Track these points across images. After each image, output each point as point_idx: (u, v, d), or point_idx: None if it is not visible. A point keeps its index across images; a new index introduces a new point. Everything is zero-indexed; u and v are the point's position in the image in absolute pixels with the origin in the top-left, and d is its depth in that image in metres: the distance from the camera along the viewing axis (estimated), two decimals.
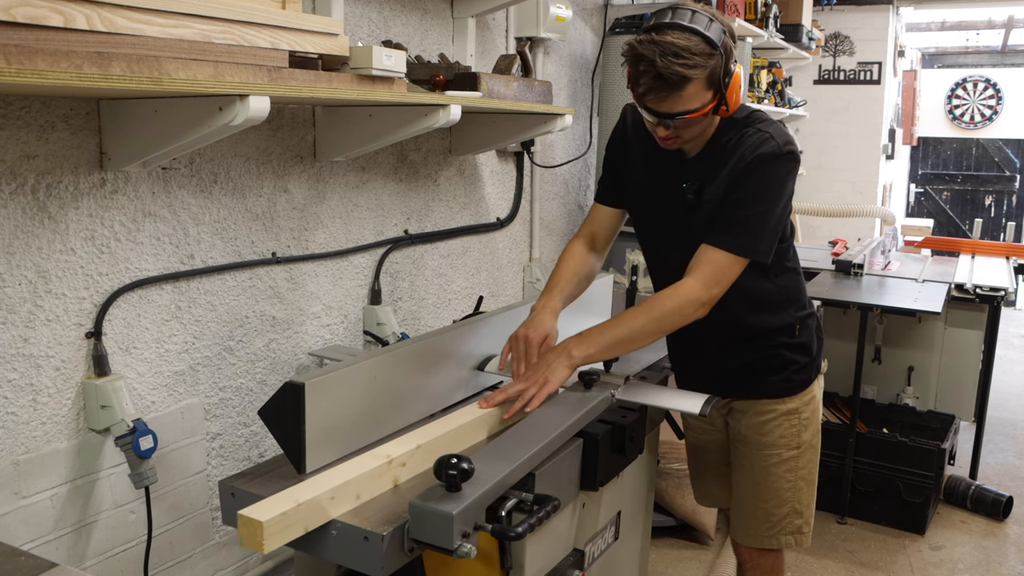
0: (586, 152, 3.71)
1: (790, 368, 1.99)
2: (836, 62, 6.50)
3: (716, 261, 1.77)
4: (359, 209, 2.51)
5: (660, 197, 1.91)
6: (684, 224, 1.86)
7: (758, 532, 2.06)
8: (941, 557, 3.27)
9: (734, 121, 1.81)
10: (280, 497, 1.33)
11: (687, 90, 1.66)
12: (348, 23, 2.33)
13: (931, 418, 3.88)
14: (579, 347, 1.77)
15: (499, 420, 1.75)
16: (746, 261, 1.79)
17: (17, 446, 1.71)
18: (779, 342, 1.97)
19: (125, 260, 1.87)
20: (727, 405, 2.07)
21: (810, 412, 2.03)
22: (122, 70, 1.40)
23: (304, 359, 2.37)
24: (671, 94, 1.66)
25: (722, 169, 1.80)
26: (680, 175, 1.87)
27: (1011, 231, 5.18)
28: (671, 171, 1.88)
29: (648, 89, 1.67)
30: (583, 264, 2.01)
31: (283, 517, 1.28)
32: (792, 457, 2.01)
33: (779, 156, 1.75)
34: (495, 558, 1.56)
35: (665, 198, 1.90)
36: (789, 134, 1.81)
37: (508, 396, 1.74)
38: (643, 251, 2.07)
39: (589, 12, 3.68)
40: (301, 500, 1.32)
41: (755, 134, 1.77)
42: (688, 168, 1.86)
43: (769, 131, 1.77)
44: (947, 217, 9.91)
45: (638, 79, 1.67)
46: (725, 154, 1.80)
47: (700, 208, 1.83)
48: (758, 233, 1.78)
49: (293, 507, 1.30)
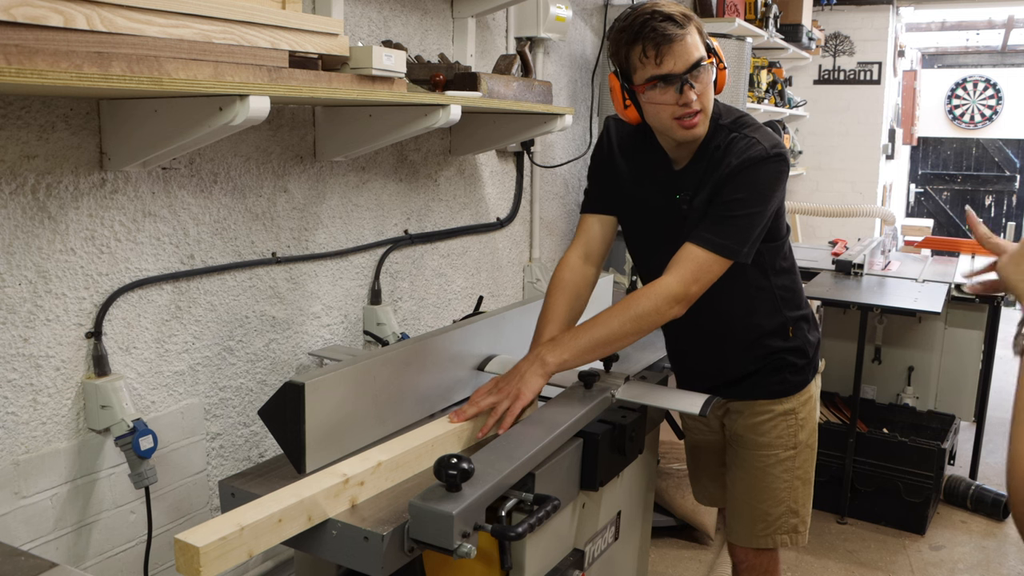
0: (586, 152, 3.71)
1: (786, 370, 1.99)
2: (836, 62, 6.50)
3: (697, 259, 1.73)
4: (359, 209, 2.51)
5: (652, 208, 1.90)
6: (677, 233, 1.83)
7: (754, 532, 2.07)
8: (941, 557, 3.27)
9: (720, 127, 1.80)
10: (222, 520, 1.24)
11: (689, 37, 1.66)
12: (348, 23, 2.33)
13: (931, 418, 3.88)
14: (553, 353, 1.72)
15: (471, 436, 1.68)
16: (728, 262, 1.75)
17: (17, 446, 1.71)
18: (774, 345, 1.97)
19: (125, 260, 1.87)
20: (723, 406, 2.07)
21: (807, 412, 2.03)
22: (122, 70, 1.40)
23: (304, 359, 2.37)
24: (683, 39, 1.65)
25: (712, 175, 1.79)
26: (673, 186, 1.85)
27: (1011, 231, 5.17)
28: (663, 182, 1.87)
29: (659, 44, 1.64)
30: (575, 298, 1.93)
31: (222, 543, 1.19)
32: (789, 457, 2.01)
33: (767, 159, 1.74)
34: (495, 558, 1.56)
35: (658, 209, 1.88)
36: (776, 137, 1.80)
37: (480, 409, 1.67)
38: (634, 259, 2.05)
39: (589, 12, 3.68)
40: (244, 524, 1.23)
41: (741, 140, 1.76)
42: (681, 178, 1.85)
43: (755, 136, 1.76)
44: (947, 217, 9.91)
45: (645, 50, 1.66)
46: (714, 160, 1.79)
47: (691, 217, 1.82)
48: (742, 235, 1.75)
49: (235, 531, 1.21)
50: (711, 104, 1.76)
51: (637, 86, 1.72)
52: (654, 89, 1.70)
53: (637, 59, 1.69)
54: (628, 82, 1.75)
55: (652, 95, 1.71)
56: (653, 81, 1.69)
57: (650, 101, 1.72)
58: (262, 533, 1.26)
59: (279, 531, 1.29)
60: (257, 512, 1.27)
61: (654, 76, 1.68)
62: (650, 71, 1.68)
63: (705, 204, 1.79)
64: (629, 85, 1.75)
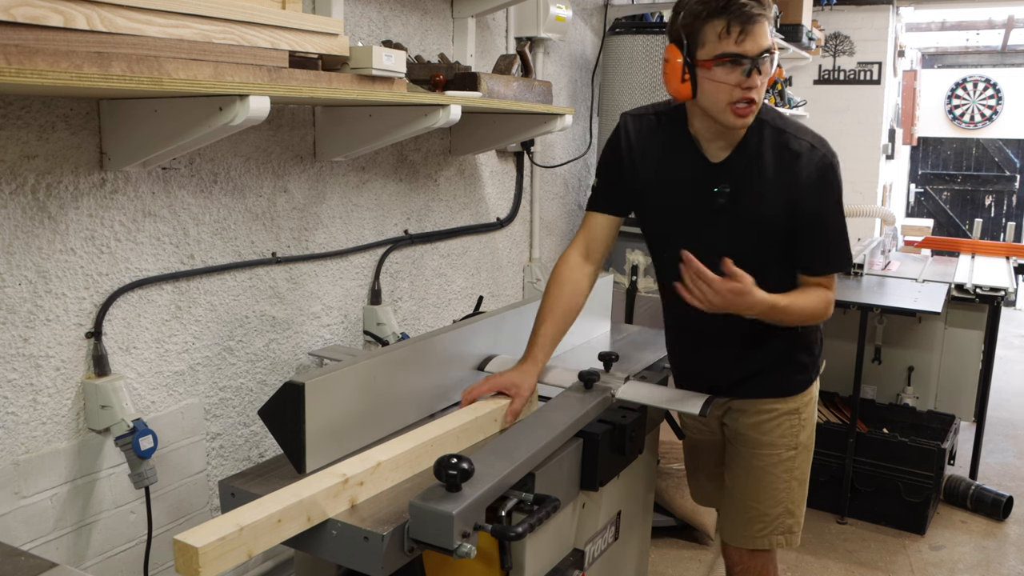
0: (586, 152, 3.71)
1: (794, 367, 1.99)
2: (836, 62, 6.50)
3: (824, 285, 1.87)
4: (359, 209, 2.51)
5: (678, 201, 1.88)
6: (705, 226, 1.84)
7: (750, 532, 2.06)
8: (941, 557, 3.27)
9: (762, 122, 1.80)
10: (221, 521, 1.25)
11: (766, 23, 1.67)
12: (348, 23, 2.33)
13: (931, 418, 3.88)
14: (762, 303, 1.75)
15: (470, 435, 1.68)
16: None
17: (17, 446, 1.71)
18: (786, 339, 1.96)
19: (125, 260, 1.87)
20: (724, 405, 2.06)
21: (809, 413, 2.03)
22: (122, 70, 1.40)
23: (304, 359, 2.37)
24: (762, 22, 1.66)
25: (758, 176, 1.80)
26: (709, 179, 1.83)
27: (1011, 231, 5.18)
28: (697, 176, 1.85)
29: (744, 22, 1.64)
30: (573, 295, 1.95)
31: (221, 543, 1.19)
32: (790, 457, 2.01)
33: (834, 165, 1.81)
34: (495, 558, 1.56)
35: (685, 202, 1.87)
36: (814, 131, 1.84)
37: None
38: (651, 251, 2.04)
39: (589, 12, 3.68)
40: (243, 524, 1.23)
41: (796, 142, 1.79)
42: (719, 171, 1.83)
43: (808, 139, 1.81)
44: (947, 217, 9.91)
45: (729, 26, 1.64)
46: (759, 158, 1.80)
47: (734, 213, 1.82)
48: (845, 245, 1.87)
49: (234, 532, 1.21)
50: (762, 98, 1.74)
51: (703, 61, 1.68)
52: (723, 67, 1.67)
53: (715, 33, 1.65)
54: (691, 56, 1.70)
55: (718, 72, 1.67)
56: (725, 59, 1.66)
57: (713, 79, 1.68)
58: (261, 533, 1.26)
59: (278, 531, 1.29)
60: (256, 512, 1.27)
61: (728, 53, 1.65)
62: (724, 47, 1.65)
63: (771, 213, 1.80)
64: (692, 60, 1.70)
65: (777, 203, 1.80)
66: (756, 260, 1.77)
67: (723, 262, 1.67)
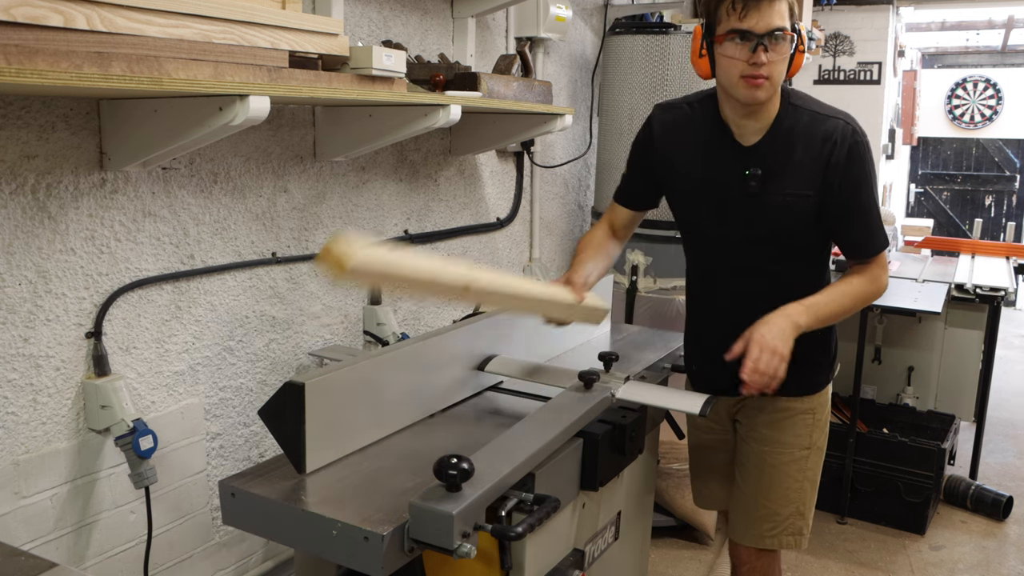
0: (586, 152, 3.71)
1: (813, 366, 2.00)
2: (836, 62, 6.50)
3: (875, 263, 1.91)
4: (359, 209, 2.51)
5: (710, 185, 1.91)
6: (735, 209, 1.87)
7: (760, 531, 2.06)
8: (941, 557, 3.27)
9: (794, 107, 1.85)
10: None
11: (778, 4, 1.71)
12: (348, 23, 2.33)
13: (931, 418, 3.88)
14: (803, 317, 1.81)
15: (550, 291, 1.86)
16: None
17: (17, 446, 1.71)
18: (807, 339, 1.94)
19: (125, 260, 1.87)
20: (737, 403, 2.06)
21: (823, 415, 2.04)
22: (122, 70, 1.40)
23: (304, 359, 2.37)
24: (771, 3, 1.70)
25: (789, 158, 1.83)
26: (740, 162, 1.87)
27: (1011, 231, 5.18)
28: (728, 159, 1.88)
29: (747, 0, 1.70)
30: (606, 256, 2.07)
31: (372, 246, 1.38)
32: (803, 457, 2.01)
33: (867, 143, 1.85)
34: (495, 558, 1.56)
35: (717, 185, 1.90)
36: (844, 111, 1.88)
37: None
38: (683, 236, 2.07)
39: (589, 12, 3.68)
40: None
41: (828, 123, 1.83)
42: (751, 155, 1.86)
43: (840, 117, 1.85)
44: (947, 217, 9.91)
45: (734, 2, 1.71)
46: (790, 141, 1.83)
47: (766, 196, 1.85)
48: (881, 223, 1.90)
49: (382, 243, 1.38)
50: (780, 77, 1.79)
51: (717, 37, 1.77)
52: (732, 42, 1.74)
53: (724, 10, 1.74)
54: (710, 34, 1.79)
55: (727, 48, 1.75)
56: (732, 34, 1.73)
57: (723, 54, 1.76)
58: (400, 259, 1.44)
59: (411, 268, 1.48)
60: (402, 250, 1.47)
61: (734, 29, 1.73)
62: (731, 23, 1.73)
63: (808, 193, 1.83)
64: (710, 37, 1.79)
65: (811, 185, 1.83)
66: (787, 244, 1.88)
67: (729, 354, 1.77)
